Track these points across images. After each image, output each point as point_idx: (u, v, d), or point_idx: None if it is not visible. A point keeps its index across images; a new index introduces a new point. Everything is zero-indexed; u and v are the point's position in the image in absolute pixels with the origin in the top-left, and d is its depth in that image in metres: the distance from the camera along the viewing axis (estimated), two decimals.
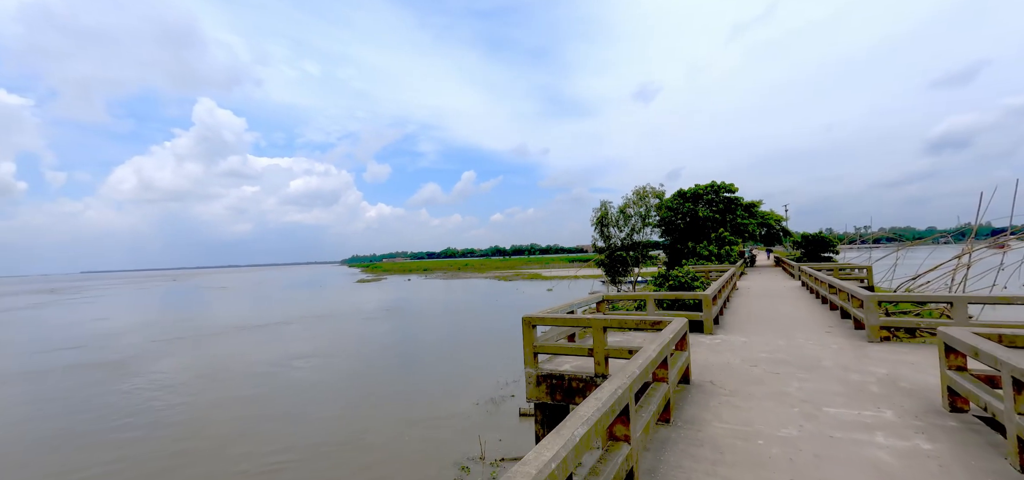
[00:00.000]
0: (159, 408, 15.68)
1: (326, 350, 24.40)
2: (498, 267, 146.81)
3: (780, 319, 12.23)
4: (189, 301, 66.50)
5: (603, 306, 11.31)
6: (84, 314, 50.97)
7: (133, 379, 19.62)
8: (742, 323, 11.83)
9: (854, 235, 64.42)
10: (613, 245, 35.60)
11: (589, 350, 7.23)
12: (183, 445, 12.56)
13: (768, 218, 40.32)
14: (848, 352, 8.18)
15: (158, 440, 12.99)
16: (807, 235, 34.77)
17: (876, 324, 8.84)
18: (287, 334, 30.80)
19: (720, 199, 37.29)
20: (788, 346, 8.84)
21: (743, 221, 36.13)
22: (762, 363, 7.68)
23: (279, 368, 20.70)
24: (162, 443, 12.76)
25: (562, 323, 7.45)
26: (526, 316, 7.72)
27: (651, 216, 35.69)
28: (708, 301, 10.28)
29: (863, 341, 9.01)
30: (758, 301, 16.49)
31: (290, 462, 11.23)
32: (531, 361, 7.70)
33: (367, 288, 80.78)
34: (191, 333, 32.94)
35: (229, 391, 17.39)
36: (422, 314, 40.65)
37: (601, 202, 35.86)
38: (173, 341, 29.46)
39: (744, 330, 10.78)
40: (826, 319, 11.98)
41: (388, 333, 29.98)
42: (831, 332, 10.10)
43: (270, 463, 11.19)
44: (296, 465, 11.07)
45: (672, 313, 10.94)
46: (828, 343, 8.97)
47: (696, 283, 19.73)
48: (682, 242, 36.46)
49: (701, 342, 9.47)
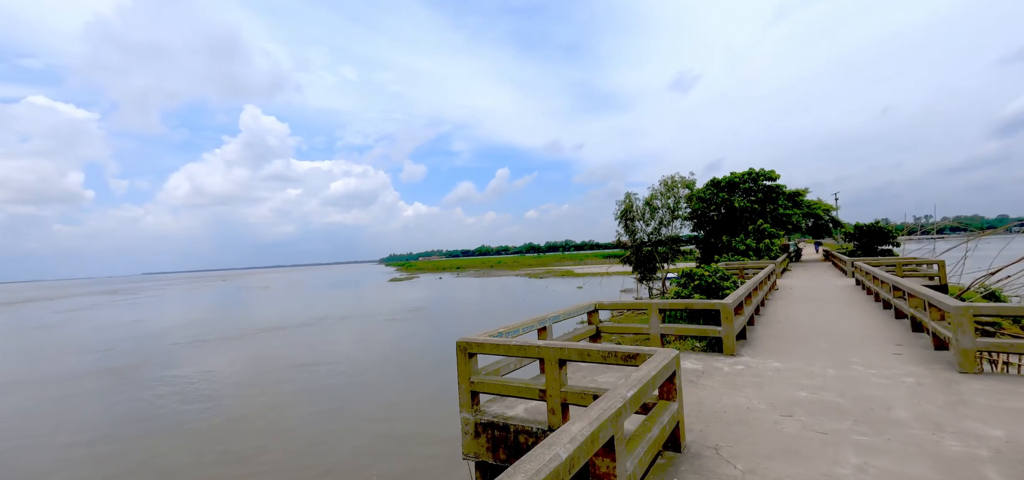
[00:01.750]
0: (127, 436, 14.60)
1: (333, 357, 23.12)
2: (530, 264, 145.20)
3: (829, 332, 9.55)
4: (229, 302, 68.63)
5: (595, 317, 9.05)
6: (130, 315, 53.21)
7: (129, 390, 18.87)
8: (778, 338, 9.25)
9: (914, 225, 58.46)
10: (639, 240, 32.76)
11: (540, 391, 5.07)
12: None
13: (815, 208, 36.28)
14: (932, 391, 5.61)
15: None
16: (861, 225, 30.77)
17: (970, 349, 6.19)
18: (302, 338, 29.99)
19: (759, 188, 33.66)
20: (840, 379, 6.32)
21: (786, 211, 32.41)
22: (800, 409, 5.26)
23: (278, 379, 19.47)
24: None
25: (506, 351, 5.32)
26: (462, 340, 5.64)
27: (680, 208, 32.57)
28: (728, 313, 7.83)
29: (950, 371, 6.37)
30: (801, 306, 13.66)
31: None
32: (467, 403, 5.61)
33: (398, 287, 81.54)
34: (216, 335, 32.89)
35: (222, 409, 16.19)
36: (443, 315, 39.44)
37: (626, 193, 33.10)
38: (198, 343, 29.30)
39: (779, 350, 8.25)
40: (891, 332, 9.21)
41: (401, 338, 28.54)
42: (901, 354, 7.44)
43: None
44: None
45: (684, 327, 8.54)
46: (899, 374, 6.38)
47: (726, 284, 16.97)
48: (716, 236, 33.14)
49: (717, 369, 7.07)
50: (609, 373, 7.19)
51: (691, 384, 6.38)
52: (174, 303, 70.35)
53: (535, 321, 7.12)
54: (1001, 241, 38.93)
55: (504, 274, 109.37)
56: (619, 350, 4.60)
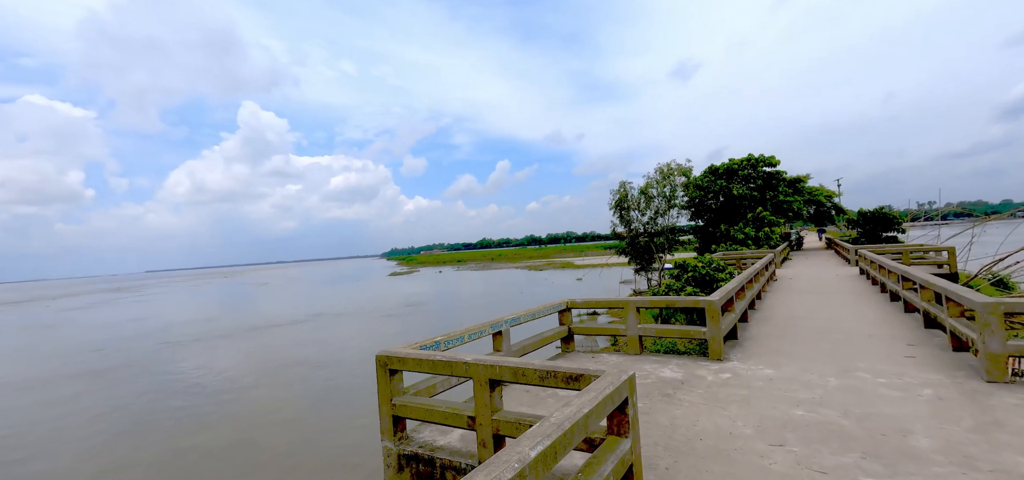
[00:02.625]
0: None
1: (318, 357, 22.18)
2: (531, 257, 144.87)
3: (831, 330, 8.52)
4: (227, 299, 68.11)
5: (567, 317, 8.04)
6: (128, 313, 52.66)
7: (101, 394, 17.98)
8: (773, 337, 8.22)
9: (918, 212, 57.35)
10: (635, 231, 31.68)
11: (469, 418, 4.07)
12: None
13: (817, 194, 35.12)
14: (957, 408, 4.58)
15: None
16: (865, 212, 29.64)
17: (1001, 353, 5.15)
18: (294, 336, 29.10)
19: (759, 174, 32.47)
20: (844, 390, 5.30)
21: (786, 198, 31.25)
22: (794, 435, 4.24)
23: (254, 384, 18.56)
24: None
25: (431, 368, 4.31)
26: (382, 354, 4.65)
27: (677, 197, 31.44)
28: (714, 312, 6.79)
29: (976, 379, 5.34)
30: (801, 299, 12.62)
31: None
32: (389, 429, 4.62)
33: (398, 281, 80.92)
34: (209, 333, 32.11)
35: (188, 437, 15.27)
36: (440, 310, 38.57)
37: (620, 183, 31.96)
38: (188, 342, 28.49)
39: (774, 352, 7.22)
40: (901, 328, 8.18)
41: (394, 336, 27.56)
42: (915, 357, 6.41)
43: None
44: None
45: (664, 328, 7.51)
46: (914, 384, 5.35)
47: (721, 275, 15.93)
48: (714, 225, 32.03)
49: (698, 379, 6.05)
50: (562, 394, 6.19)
51: (666, 399, 5.38)
52: (173, 301, 69.79)
53: (486, 325, 6.11)
54: (1007, 226, 37.74)
55: (505, 267, 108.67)
56: (560, 370, 3.58)
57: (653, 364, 6.80)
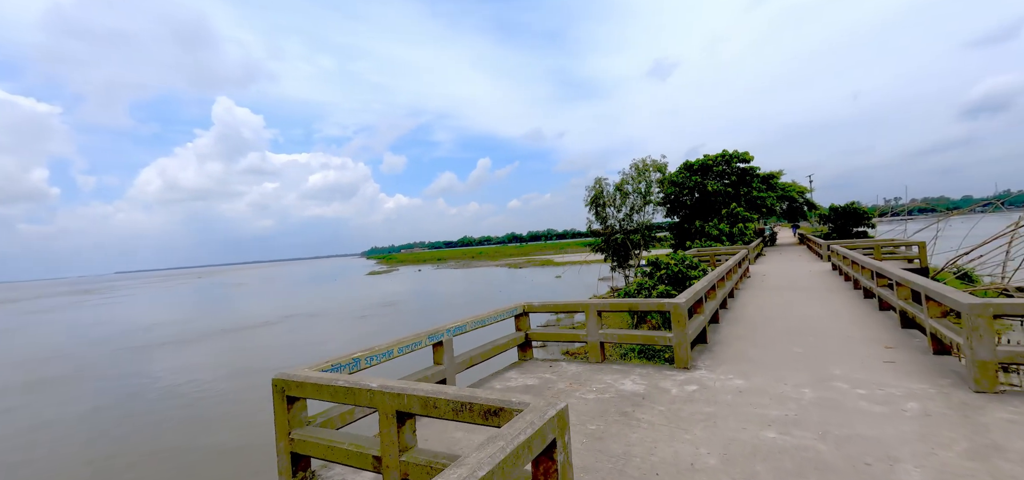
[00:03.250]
0: None
1: (284, 360, 21.01)
2: (511, 254, 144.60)
3: (804, 330, 8.02)
4: (199, 300, 65.82)
5: (524, 322, 7.32)
6: (92, 316, 50.21)
7: (38, 405, 16.49)
8: (744, 340, 7.67)
9: (885, 207, 58.96)
10: (610, 227, 31.26)
11: (374, 458, 3.30)
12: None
13: (789, 190, 35.35)
14: (946, 425, 4.02)
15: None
16: (836, 207, 29.89)
17: (991, 360, 4.63)
18: (262, 339, 27.71)
19: (733, 170, 32.44)
20: (821, 404, 4.71)
21: (760, 194, 31.28)
22: (766, 466, 3.59)
23: (212, 393, 17.31)
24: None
25: (331, 395, 3.52)
26: (278, 377, 3.83)
27: (652, 193, 31.16)
28: (679, 315, 6.15)
29: (963, 388, 4.81)
30: (774, 296, 12.20)
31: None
32: (287, 469, 3.80)
33: (376, 280, 79.47)
34: (174, 338, 30.39)
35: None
36: (417, 310, 37.55)
37: (595, 179, 31.48)
38: (150, 348, 26.80)
39: (745, 357, 6.64)
40: (877, 328, 7.72)
41: (365, 337, 26.45)
42: (894, 362, 5.89)
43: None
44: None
45: (628, 334, 6.83)
46: (897, 395, 4.80)
47: (694, 272, 15.49)
48: (690, 221, 31.87)
49: (661, 392, 5.40)
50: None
51: (623, 420, 4.69)
52: (142, 303, 66.83)
53: (423, 335, 5.33)
54: (969, 221, 38.77)
55: (485, 265, 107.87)
56: (477, 401, 2.84)
57: (614, 374, 6.14)
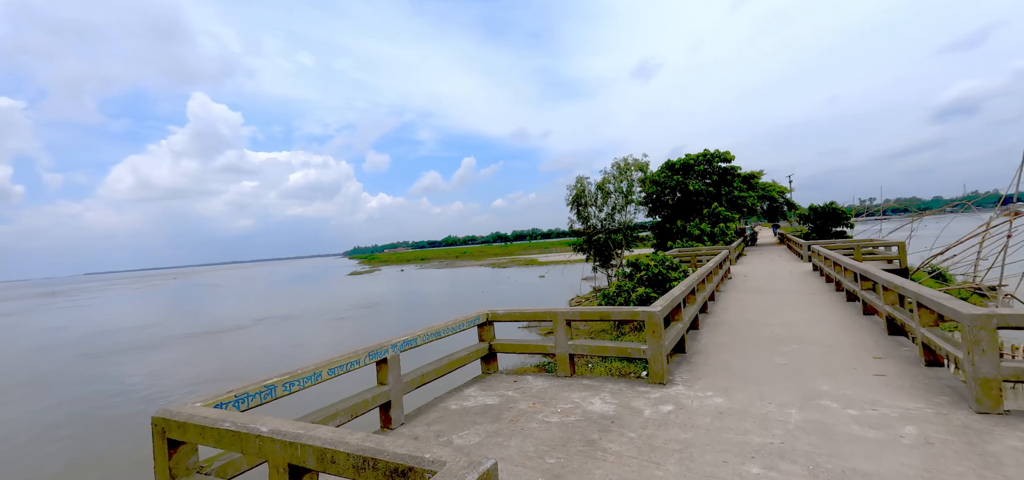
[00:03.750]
0: None
1: (250, 369, 19.97)
2: (496, 254, 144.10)
3: (788, 337, 7.55)
4: (170, 303, 63.51)
5: (488, 331, 6.68)
6: (55, 321, 47.87)
7: None
8: (725, 349, 7.15)
9: (861, 208, 60.07)
10: (592, 227, 30.83)
11: None
12: None
13: (770, 190, 35.44)
14: (951, 456, 3.50)
15: None
16: (816, 207, 29.97)
17: (995, 378, 4.15)
18: (230, 344, 26.46)
19: (714, 170, 32.32)
20: (809, 428, 4.17)
21: (741, 194, 31.21)
22: None
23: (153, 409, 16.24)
24: None
25: (215, 440, 2.83)
26: (160, 415, 3.11)
27: (634, 192, 30.82)
28: (654, 325, 5.58)
29: (963, 408, 4.33)
30: (755, 299, 11.79)
31: None
32: None
33: (357, 281, 78.07)
34: (136, 343, 28.81)
35: None
36: (397, 311, 36.56)
37: (577, 178, 31.00)
38: (108, 355, 25.28)
39: (725, 369, 6.11)
40: (862, 335, 7.29)
41: (342, 340, 25.47)
42: (885, 375, 5.41)
43: None
44: None
45: (600, 345, 6.23)
46: (892, 417, 4.29)
47: (674, 274, 15.06)
48: (672, 221, 31.63)
49: (634, 413, 4.81)
50: None
51: (587, 450, 4.08)
52: (110, 306, 64.15)
53: (362, 352, 4.64)
54: (941, 221, 39.46)
55: (469, 264, 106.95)
56: (383, 457, 2.18)
57: (582, 392, 5.54)
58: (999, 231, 21.54)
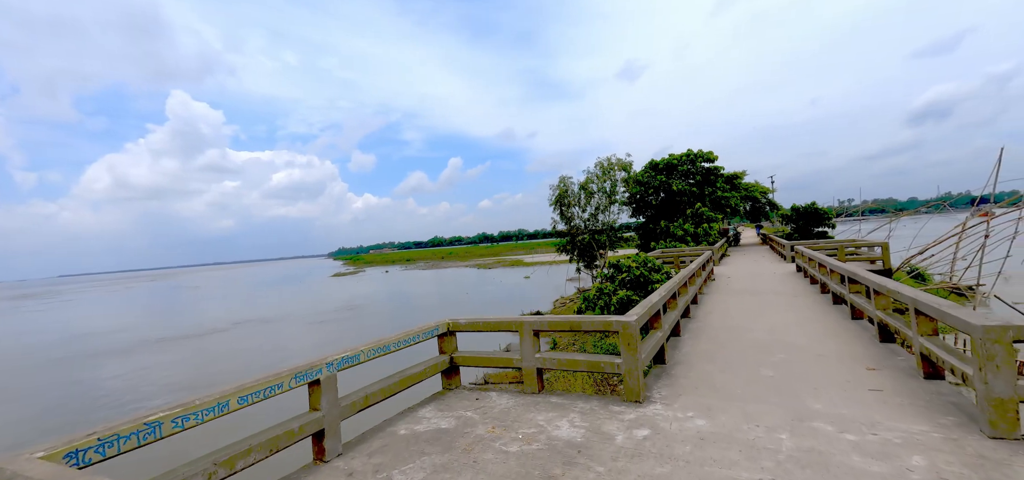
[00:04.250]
0: None
1: (220, 377, 18.95)
2: (481, 255, 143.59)
3: (774, 344, 7.05)
4: (146, 305, 61.57)
5: (450, 342, 6.02)
6: (15, 325, 45.77)
7: None
8: (708, 358, 6.61)
9: (839, 209, 61.01)
10: (575, 227, 30.35)
11: None
12: None
13: (753, 190, 35.42)
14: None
15: None
16: (798, 207, 29.96)
17: (1012, 399, 3.64)
18: (201, 350, 25.27)
19: (697, 170, 32.13)
20: (803, 460, 3.60)
21: (724, 194, 31.06)
22: None
23: None
24: None
25: None
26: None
27: (617, 192, 30.44)
28: (629, 337, 4.98)
29: (973, 431, 3.82)
30: (739, 301, 11.34)
31: None
32: None
33: (340, 283, 76.75)
34: (104, 349, 27.39)
35: None
36: (378, 314, 35.61)
37: (559, 177, 30.49)
38: (66, 361, 23.89)
39: (708, 384, 5.55)
40: (854, 342, 6.82)
41: (316, 346, 24.49)
42: (882, 390, 4.89)
43: None
44: None
45: (571, 358, 5.61)
46: (896, 443, 3.75)
47: (657, 276, 14.58)
48: (655, 221, 31.34)
49: (605, 439, 4.20)
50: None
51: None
52: (83, 309, 61.75)
53: (286, 375, 3.94)
54: (918, 222, 39.95)
55: (454, 265, 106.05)
56: None
57: (550, 412, 4.91)
58: (977, 231, 21.68)
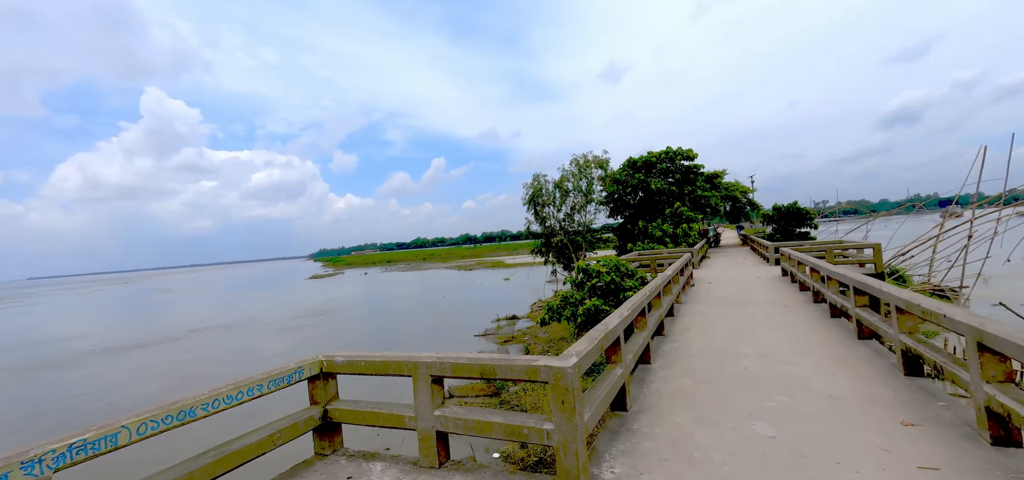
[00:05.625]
0: None
1: (158, 393, 16.64)
2: (463, 256, 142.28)
3: (770, 380, 5.41)
4: (109, 309, 58.08)
5: (324, 390, 4.19)
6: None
7: None
8: (685, 403, 4.92)
9: (814, 209, 61.34)
10: (550, 228, 28.72)
11: None
12: None
13: (733, 190, 34.37)
14: None
15: None
16: (780, 207, 28.90)
17: None
18: (154, 360, 22.75)
19: (677, 168, 30.84)
20: None
21: (704, 193, 29.82)
22: None
23: None
24: None
25: None
26: None
27: (594, 191, 28.93)
28: (563, 390, 3.23)
29: None
30: (722, 313, 9.78)
31: None
32: None
33: (316, 285, 74.36)
34: (39, 362, 24.60)
35: None
36: (349, 320, 33.34)
37: (533, 175, 28.83)
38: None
39: (683, 451, 3.86)
40: (871, 376, 5.22)
41: (279, 355, 22.23)
42: (939, 468, 3.32)
43: None
44: None
45: (480, 417, 3.88)
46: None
47: (630, 282, 12.97)
48: (633, 221, 29.93)
49: None
50: None
51: None
52: (38, 314, 58.00)
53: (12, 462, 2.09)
54: (893, 222, 39.54)
55: (435, 267, 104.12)
56: None
57: None
58: (958, 231, 20.92)
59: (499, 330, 22.86)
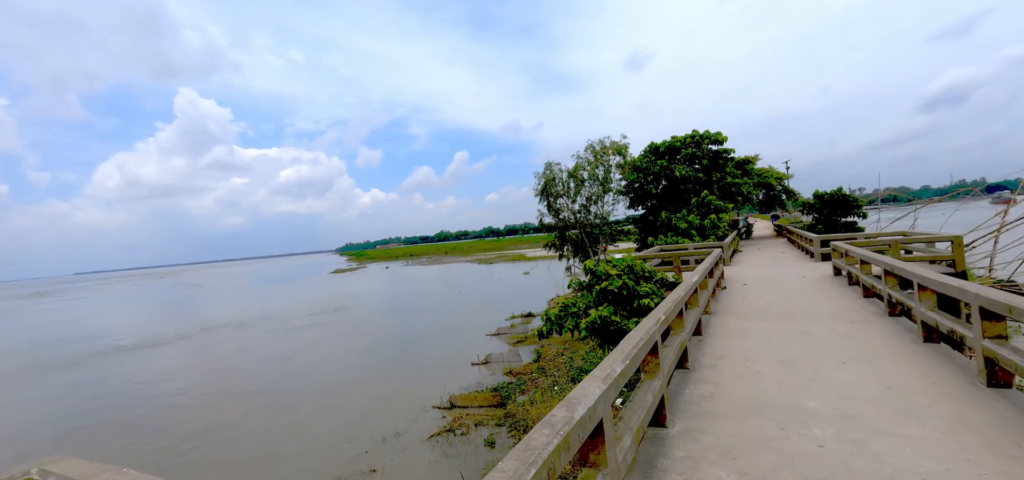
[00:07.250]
0: None
1: (124, 406, 15.45)
2: (485, 249, 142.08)
3: (856, 454, 3.21)
4: (142, 304, 60.68)
5: None
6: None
7: None
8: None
9: (863, 198, 57.36)
10: (564, 221, 26.42)
11: None
12: None
13: (767, 176, 31.20)
14: None
15: None
16: (822, 194, 25.76)
17: None
18: (150, 365, 22.02)
19: (704, 153, 27.95)
20: None
21: (735, 180, 26.90)
22: None
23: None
24: None
25: None
26: None
27: (612, 179, 26.41)
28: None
29: None
30: (765, 333, 7.42)
31: None
32: None
33: (337, 280, 75.79)
34: (47, 363, 24.47)
35: None
36: (364, 317, 32.34)
37: (546, 164, 26.52)
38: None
39: None
40: (1003, 427, 2.98)
41: (277, 371, 21.00)
42: None
43: None
44: None
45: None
46: None
47: (645, 288, 10.66)
48: (656, 213, 27.31)
49: None
50: None
51: None
52: (77, 309, 60.60)
53: None
54: (946, 209, 35.32)
55: (457, 260, 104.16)
56: None
57: None
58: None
59: (512, 329, 21.57)
